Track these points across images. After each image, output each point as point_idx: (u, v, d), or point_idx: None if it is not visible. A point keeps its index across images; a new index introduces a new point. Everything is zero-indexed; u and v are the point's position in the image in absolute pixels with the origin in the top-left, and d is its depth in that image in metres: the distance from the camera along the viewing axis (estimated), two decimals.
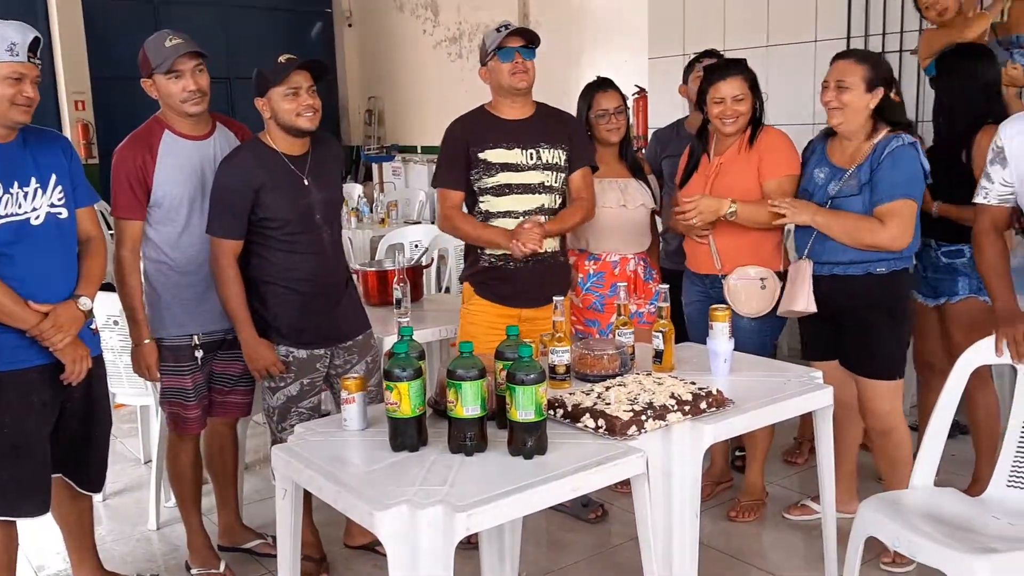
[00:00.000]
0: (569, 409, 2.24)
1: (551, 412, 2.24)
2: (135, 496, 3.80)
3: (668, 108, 5.55)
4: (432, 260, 4.26)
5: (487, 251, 3.11)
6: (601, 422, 2.16)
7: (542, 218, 3.07)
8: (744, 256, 3.15)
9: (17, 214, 2.45)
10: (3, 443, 2.44)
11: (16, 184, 2.46)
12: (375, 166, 11.11)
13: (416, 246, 4.99)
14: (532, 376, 2.00)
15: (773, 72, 5.24)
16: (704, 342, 2.69)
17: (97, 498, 3.72)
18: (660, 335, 2.62)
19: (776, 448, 3.89)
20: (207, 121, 2.93)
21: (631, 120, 3.66)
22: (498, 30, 3.03)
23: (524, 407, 2.01)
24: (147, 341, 2.88)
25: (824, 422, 2.54)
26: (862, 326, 2.96)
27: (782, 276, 3.14)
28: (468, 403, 2.02)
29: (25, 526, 2.63)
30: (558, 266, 3.21)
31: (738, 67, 3.17)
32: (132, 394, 3.60)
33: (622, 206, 3.39)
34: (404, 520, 1.81)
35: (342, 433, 2.25)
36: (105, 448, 2.79)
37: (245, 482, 3.51)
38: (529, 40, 3.04)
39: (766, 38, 5.60)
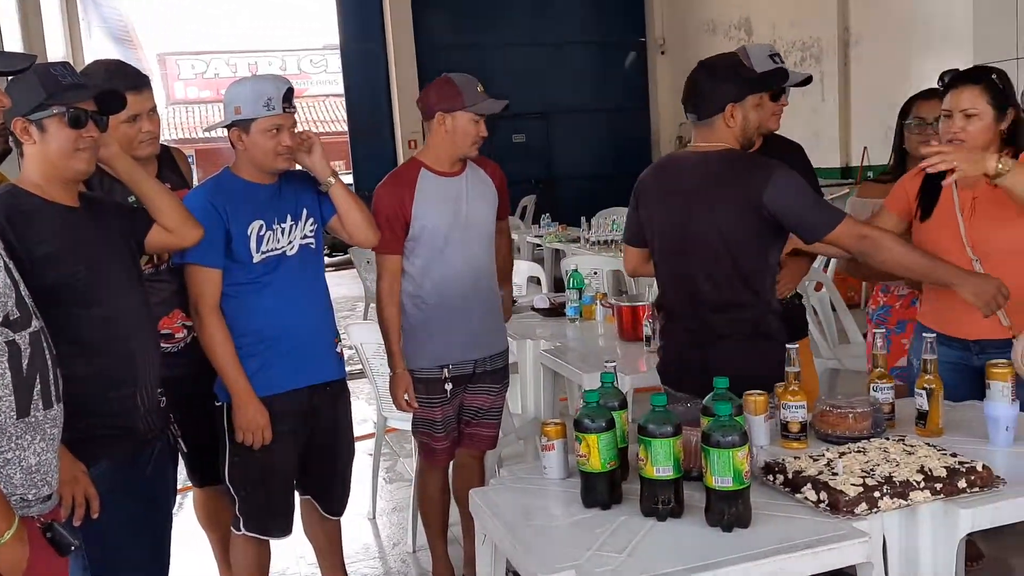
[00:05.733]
0: (790, 476, 1.95)
1: (769, 478, 1.97)
2: (401, 516, 3.95)
3: None
4: None
5: None
6: (823, 495, 1.85)
7: None
8: None
9: (276, 249, 2.65)
10: (254, 468, 2.63)
11: (276, 221, 2.66)
12: None
13: None
14: (729, 438, 1.77)
15: None
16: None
17: (367, 515, 3.96)
18: (924, 393, 2.22)
19: None
20: (463, 160, 3.00)
21: None
22: (771, 58, 2.77)
23: (720, 473, 1.78)
24: (399, 371, 2.99)
25: None
26: None
27: None
28: (659, 463, 1.83)
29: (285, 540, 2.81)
30: None
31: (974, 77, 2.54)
32: (401, 418, 3.75)
33: None
34: None
35: (542, 481, 2.15)
36: (346, 475, 2.89)
37: None
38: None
39: None
